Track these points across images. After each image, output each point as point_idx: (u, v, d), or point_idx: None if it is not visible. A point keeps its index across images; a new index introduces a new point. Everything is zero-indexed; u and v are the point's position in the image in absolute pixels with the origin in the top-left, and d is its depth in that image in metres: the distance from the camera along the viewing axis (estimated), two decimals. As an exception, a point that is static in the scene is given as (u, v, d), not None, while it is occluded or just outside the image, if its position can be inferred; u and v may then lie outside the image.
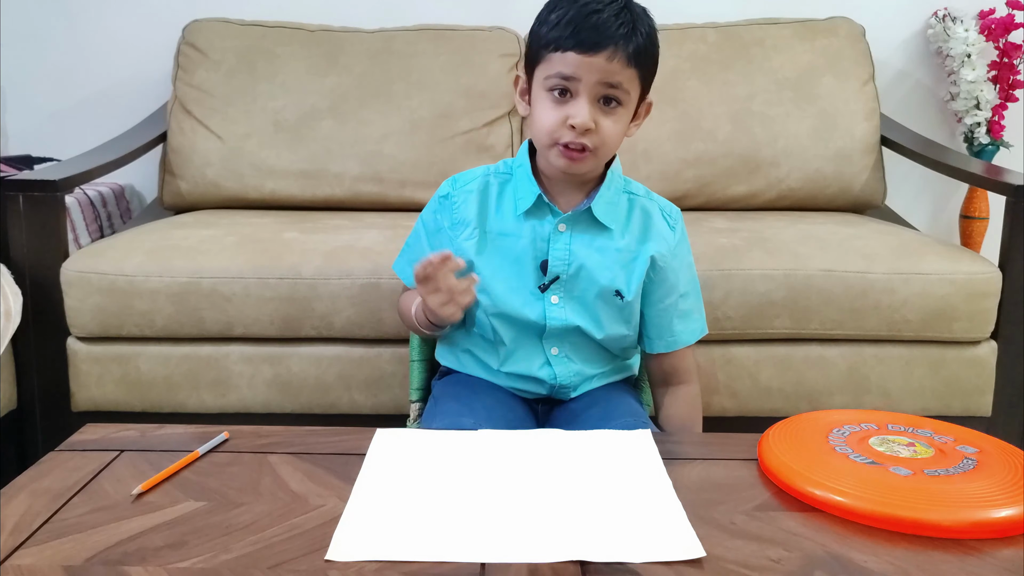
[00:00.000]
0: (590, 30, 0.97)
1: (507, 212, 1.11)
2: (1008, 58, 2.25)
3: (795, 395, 1.67)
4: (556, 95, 1.01)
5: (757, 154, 2.08)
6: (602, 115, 1.01)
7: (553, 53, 1.00)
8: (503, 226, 1.11)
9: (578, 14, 0.98)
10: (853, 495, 0.77)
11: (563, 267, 1.09)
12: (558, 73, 1.00)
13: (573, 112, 1.00)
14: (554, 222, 1.09)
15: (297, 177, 2.06)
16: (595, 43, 0.97)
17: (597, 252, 1.10)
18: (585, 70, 0.99)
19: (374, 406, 1.65)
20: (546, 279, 1.10)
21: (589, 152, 1.02)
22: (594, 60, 0.98)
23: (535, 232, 1.10)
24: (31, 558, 0.69)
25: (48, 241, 1.62)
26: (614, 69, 0.99)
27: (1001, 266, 1.67)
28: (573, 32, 0.98)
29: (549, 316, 1.11)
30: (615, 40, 0.98)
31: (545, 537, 0.72)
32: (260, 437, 0.95)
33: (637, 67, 1.01)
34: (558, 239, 1.09)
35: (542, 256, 1.10)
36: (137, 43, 2.32)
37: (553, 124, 1.02)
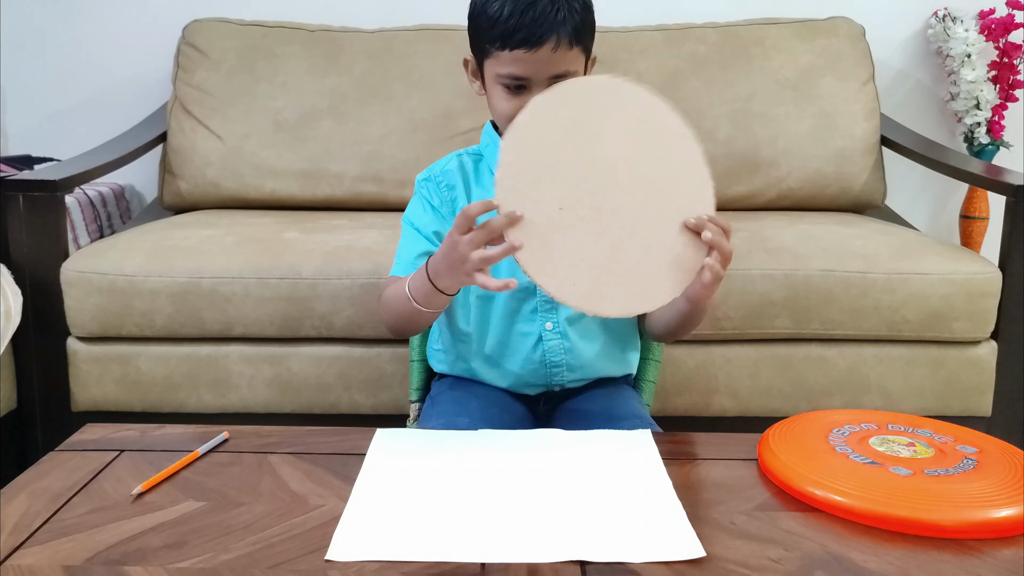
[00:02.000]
0: (530, 25, 0.99)
1: (487, 186, 1.14)
2: (1008, 58, 2.25)
3: (795, 395, 1.67)
4: (510, 90, 1.05)
5: (757, 154, 2.08)
6: None
7: (500, 51, 1.03)
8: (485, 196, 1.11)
9: (514, 10, 1.00)
10: (853, 495, 0.77)
11: None
12: (508, 74, 1.03)
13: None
14: None
15: (297, 177, 2.06)
16: (537, 37, 1.00)
17: None
18: (533, 68, 1.02)
19: (374, 406, 1.65)
20: None
21: None
22: (539, 55, 1.00)
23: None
24: (31, 558, 0.69)
25: (48, 241, 1.62)
26: (559, 58, 1.01)
27: (1001, 266, 1.67)
28: (513, 30, 1.00)
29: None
30: (555, 29, 1.00)
31: (545, 537, 0.72)
32: (260, 437, 0.95)
33: (580, 43, 1.03)
34: None
35: None
36: (137, 43, 2.31)
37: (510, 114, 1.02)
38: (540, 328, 1.14)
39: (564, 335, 1.14)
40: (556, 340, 1.14)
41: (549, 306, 1.14)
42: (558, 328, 1.14)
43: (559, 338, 1.14)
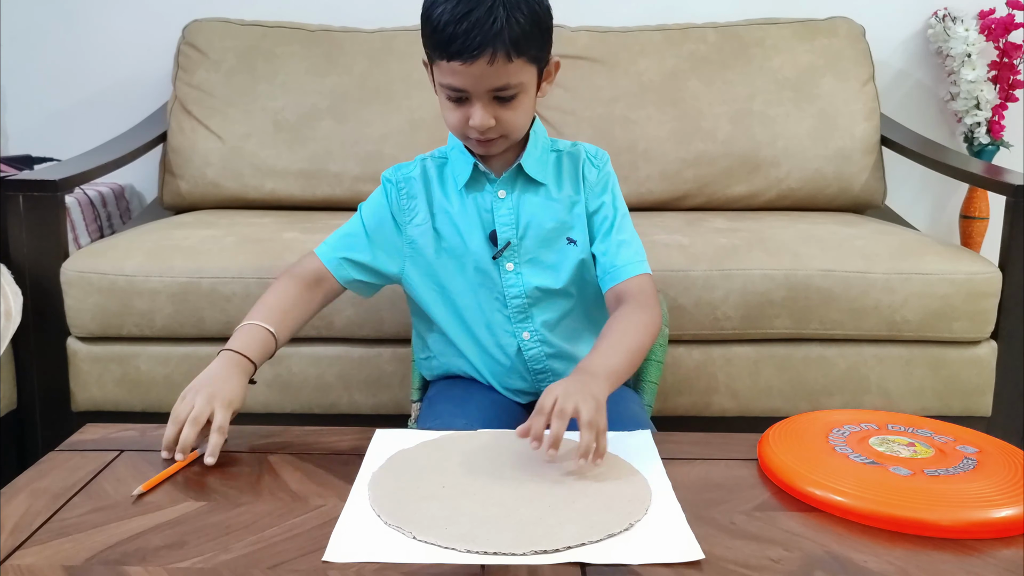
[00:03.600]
0: (463, 37, 0.95)
1: (450, 190, 1.12)
2: (1008, 58, 2.25)
3: (795, 395, 1.67)
4: (453, 100, 1.02)
5: (757, 154, 2.08)
6: (501, 109, 1.01)
7: (440, 60, 0.99)
8: (448, 205, 1.12)
9: (451, 18, 0.95)
10: (853, 495, 0.77)
11: (511, 231, 1.10)
12: (448, 84, 1.00)
13: (471, 115, 1.00)
14: (494, 190, 1.10)
15: (297, 177, 2.06)
16: (471, 50, 0.95)
17: (539, 207, 1.10)
18: (470, 81, 0.98)
19: (374, 406, 1.65)
20: (498, 247, 1.10)
21: (499, 138, 1.04)
22: (474, 68, 0.96)
23: (478, 204, 1.11)
24: (31, 558, 0.69)
25: (48, 241, 1.62)
26: (497, 72, 0.97)
27: (1001, 266, 1.67)
28: (448, 40, 0.96)
29: (506, 285, 1.11)
30: (490, 41, 0.94)
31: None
32: (260, 437, 0.95)
33: (522, 54, 0.97)
34: (500, 205, 1.10)
35: (489, 227, 1.10)
36: (137, 43, 2.31)
37: (456, 124, 1.03)
38: (518, 339, 1.14)
39: (545, 341, 1.14)
40: (536, 348, 1.14)
41: (522, 315, 1.13)
42: (537, 336, 1.13)
43: (539, 345, 1.14)
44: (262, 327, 1.03)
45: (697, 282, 1.61)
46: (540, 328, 1.13)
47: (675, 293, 1.60)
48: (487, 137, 1.03)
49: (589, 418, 0.84)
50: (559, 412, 0.84)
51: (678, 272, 1.61)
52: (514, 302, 1.12)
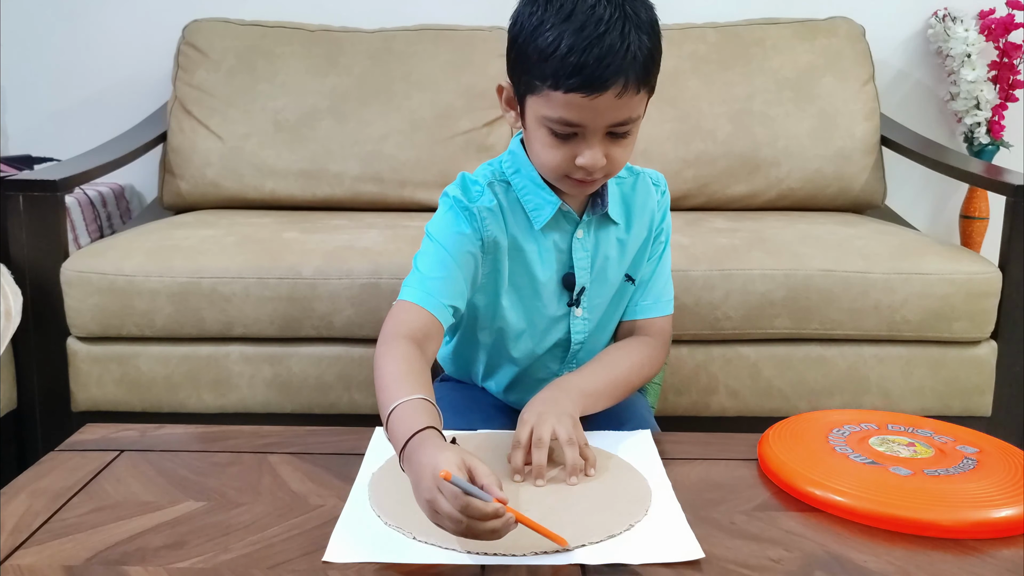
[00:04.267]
0: (595, 65, 0.81)
1: (522, 224, 0.99)
2: (1008, 58, 2.25)
3: (795, 395, 1.67)
4: (557, 136, 0.89)
5: (757, 154, 2.08)
6: (612, 145, 0.89)
7: (551, 91, 0.85)
8: (523, 242, 0.99)
9: (578, 40, 0.81)
10: (853, 495, 0.77)
11: (587, 276, 1.02)
12: (560, 119, 0.86)
13: (581, 153, 0.88)
14: (572, 231, 1.00)
15: (297, 177, 2.06)
16: (602, 81, 0.82)
17: (612, 249, 1.03)
18: (590, 115, 0.85)
19: (374, 406, 1.63)
20: (574, 293, 1.02)
21: (602, 177, 0.93)
22: (601, 101, 0.83)
23: (556, 245, 1.00)
24: (31, 558, 0.69)
25: (48, 241, 1.62)
26: (624, 104, 0.85)
27: (1001, 266, 1.67)
28: (574, 70, 0.82)
29: (575, 332, 1.04)
30: (623, 70, 0.82)
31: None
32: (260, 437, 0.95)
33: (648, 83, 0.87)
34: (579, 247, 1.00)
35: (564, 269, 1.01)
36: (137, 43, 2.31)
37: (558, 163, 0.90)
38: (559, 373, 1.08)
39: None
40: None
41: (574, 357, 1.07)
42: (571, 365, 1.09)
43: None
44: (425, 400, 0.81)
45: (697, 282, 1.61)
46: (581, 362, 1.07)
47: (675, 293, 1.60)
48: (592, 178, 0.91)
49: (567, 436, 0.83)
50: (537, 442, 0.82)
51: (678, 272, 1.61)
52: (575, 347, 1.06)
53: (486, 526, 0.67)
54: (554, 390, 0.92)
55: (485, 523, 0.67)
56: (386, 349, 0.88)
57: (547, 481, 0.82)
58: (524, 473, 0.83)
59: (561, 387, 0.92)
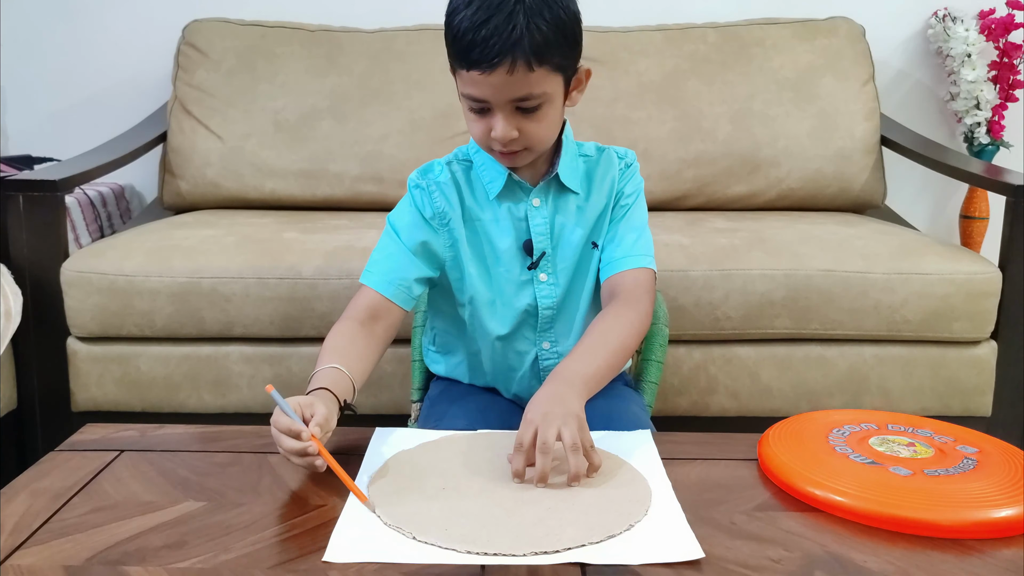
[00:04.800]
0: (481, 46, 0.90)
1: (480, 197, 1.08)
2: (1008, 58, 2.25)
3: (795, 395, 1.67)
4: (474, 111, 0.98)
5: (757, 154, 2.08)
6: (524, 120, 0.97)
7: (459, 69, 0.95)
8: (480, 212, 1.08)
9: (469, 26, 0.91)
10: (853, 495, 0.77)
11: (546, 241, 1.08)
12: (468, 95, 0.96)
13: (493, 126, 0.97)
14: (528, 199, 1.07)
15: (297, 177, 2.06)
16: (489, 59, 0.90)
17: (571, 216, 1.08)
18: (490, 91, 0.94)
19: (374, 406, 1.65)
20: (534, 257, 1.08)
21: (523, 150, 1.00)
22: (493, 78, 0.92)
23: (511, 213, 1.08)
24: (31, 558, 0.69)
25: (48, 241, 1.62)
26: (518, 81, 0.92)
27: (1001, 266, 1.67)
28: (467, 48, 0.91)
29: (540, 296, 1.09)
30: (509, 51, 0.90)
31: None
32: (260, 437, 0.95)
33: (544, 63, 0.93)
34: (535, 214, 1.07)
35: (523, 236, 1.08)
36: (137, 43, 2.32)
37: (479, 136, 1.00)
38: (538, 348, 1.13)
39: (561, 354, 1.12)
40: (553, 359, 1.13)
41: (548, 325, 1.11)
42: (555, 346, 1.13)
43: (556, 357, 1.12)
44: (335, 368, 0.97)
45: (697, 282, 1.61)
46: (559, 337, 1.12)
47: (675, 293, 1.61)
48: (511, 149, 0.99)
49: (572, 441, 0.82)
50: (541, 447, 0.82)
51: (678, 272, 1.61)
52: (545, 312, 1.10)
53: (285, 443, 0.82)
54: (557, 383, 0.91)
55: (285, 441, 0.82)
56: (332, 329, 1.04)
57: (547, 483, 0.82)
58: (524, 477, 0.83)
59: (564, 378, 0.92)
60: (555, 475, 0.83)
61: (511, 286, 1.09)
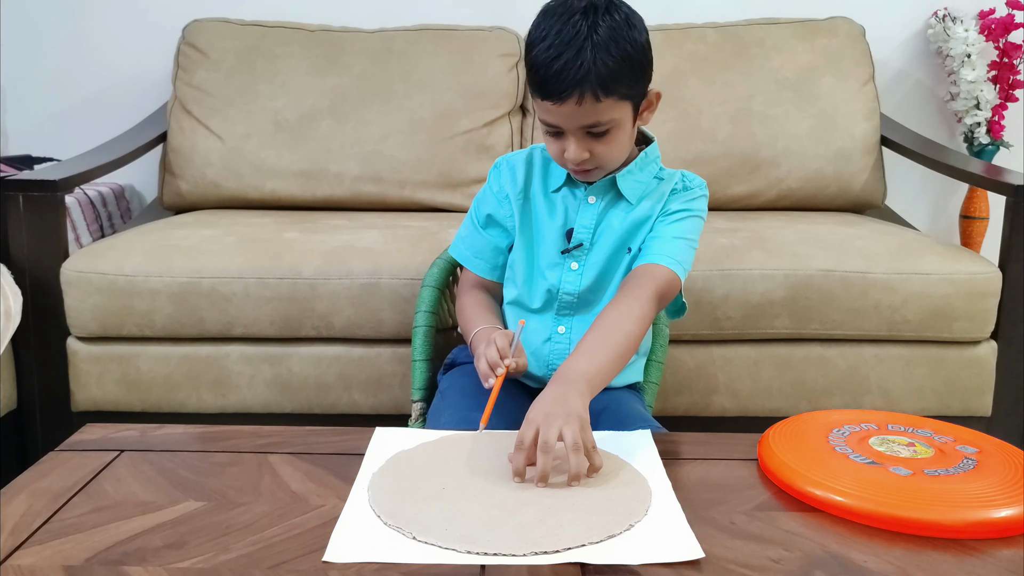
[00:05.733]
0: (553, 80, 0.97)
1: (542, 181, 1.17)
2: (1008, 58, 2.25)
3: (795, 395, 1.67)
4: (550, 134, 1.05)
5: (757, 154, 2.08)
6: (595, 143, 1.04)
7: (536, 98, 1.02)
8: (539, 195, 1.17)
9: (542, 61, 0.98)
10: (853, 495, 0.77)
11: (587, 235, 1.13)
12: (543, 120, 1.04)
13: (566, 148, 1.04)
14: (584, 195, 1.13)
15: (297, 177, 2.06)
16: (559, 92, 0.98)
17: (618, 221, 1.13)
18: (562, 119, 1.01)
19: (374, 406, 1.65)
20: (569, 244, 1.14)
21: (595, 169, 1.08)
22: (565, 108, 0.99)
23: (565, 203, 1.15)
24: (31, 558, 0.69)
25: (48, 241, 1.62)
26: (587, 111, 0.99)
27: (1001, 266, 1.67)
28: (541, 82, 0.99)
29: (565, 281, 1.14)
30: (578, 85, 0.97)
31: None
32: (260, 437, 0.95)
33: (612, 94, 1.00)
34: (586, 209, 1.13)
35: (570, 223, 1.14)
36: (137, 43, 2.32)
37: (555, 155, 1.08)
38: (552, 330, 1.16)
39: (573, 341, 1.14)
40: (564, 344, 1.15)
41: (568, 312, 1.15)
42: (569, 332, 1.15)
43: (566, 344, 1.15)
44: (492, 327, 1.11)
45: (697, 282, 1.61)
46: (575, 326, 1.15)
47: (675, 293, 1.61)
48: (583, 168, 1.07)
49: (574, 441, 0.82)
50: (543, 447, 0.82)
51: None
52: (566, 298, 1.14)
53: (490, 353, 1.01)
54: (561, 384, 0.92)
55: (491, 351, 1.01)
56: (461, 300, 1.22)
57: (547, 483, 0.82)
58: (524, 476, 0.83)
59: (568, 379, 0.92)
60: (555, 475, 0.83)
61: (545, 265, 1.15)
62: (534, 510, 0.77)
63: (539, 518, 0.75)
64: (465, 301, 1.20)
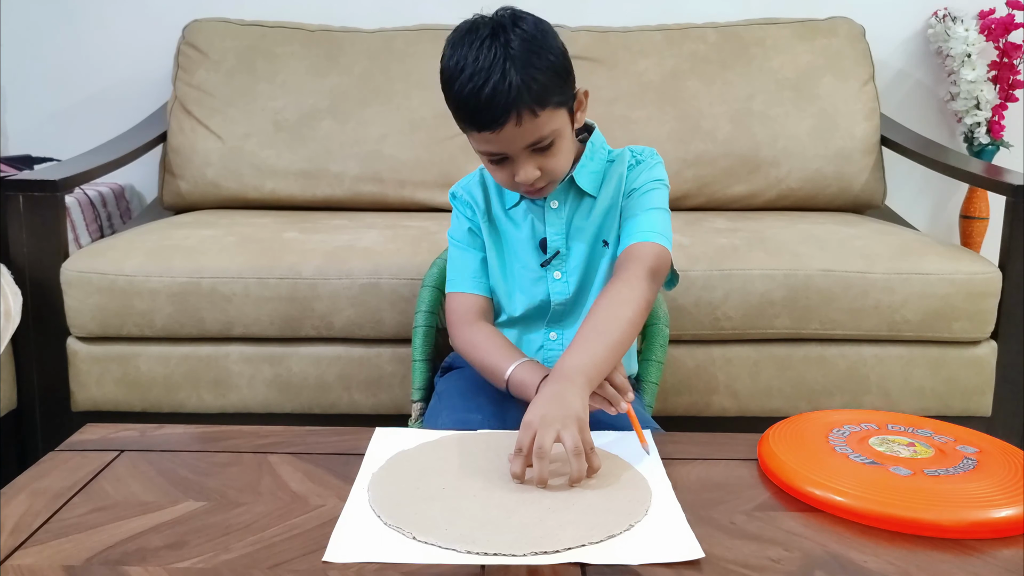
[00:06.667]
0: (485, 109, 0.95)
1: (505, 201, 1.16)
2: (1008, 58, 2.25)
3: (795, 395, 1.67)
4: (493, 163, 1.03)
5: (757, 154, 2.08)
6: (542, 158, 1.01)
7: (468, 131, 1.00)
8: (500, 211, 1.16)
9: (469, 92, 0.95)
10: (853, 495, 0.77)
11: (560, 241, 1.12)
12: (485, 151, 1.01)
13: (516, 172, 1.02)
14: (546, 202, 1.12)
15: (297, 177, 2.06)
16: (495, 119, 0.95)
17: (585, 217, 1.13)
18: (504, 144, 0.98)
19: (374, 406, 1.65)
20: (547, 255, 1.13)
21: (547, 184, 1.05)
22: (504, 133, 0.96)
23: (530, 212, 1.14)
24: (31, 558, 0.69)
25: (48, 241, 1.62)
26: (527, 130, 0.97)
27: (1001, 266, 1.67)
28: (472, 115, 0.96)
29: (553, 292, 1.13)
30: (513, 106, 0.94)
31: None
32: (260, 437, 0.95)
33: (547, 106, 0.97)
34: (552, 216, 1.12)
35: (540, 234, 1.13)
36: (137, 43, 2.32)
37: (505, 182, 1.05)
38: (544, 338, 1.16)
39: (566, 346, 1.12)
40: (556, 351, 1.15)
41: (558, 318, 1.15)
42: (561, 338, 1.15)
43: (559, 349, 1.15)
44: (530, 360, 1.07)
45: (697, 282, 1.61)
46: (566, 329, 1.15)
47: (675, 293, 1.60)
48: (535, 188, 1.04)
49: (573, 444, 0.82)
50: (538, 452, 0.81)
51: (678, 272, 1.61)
52: (557, 308, 1.14)
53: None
54: (558, 382, 0.91)
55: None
56: (471, 333, 1.13)
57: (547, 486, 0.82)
58: (524, 480, 0.83)
59: (564, 376, 0.91)
60: (555, 478, 0.83)
61: (527, 280, 1.14)
62: (534, 510, 0.77)
63: (539, 518, 0.75)
64: (475, 336, 1.12)
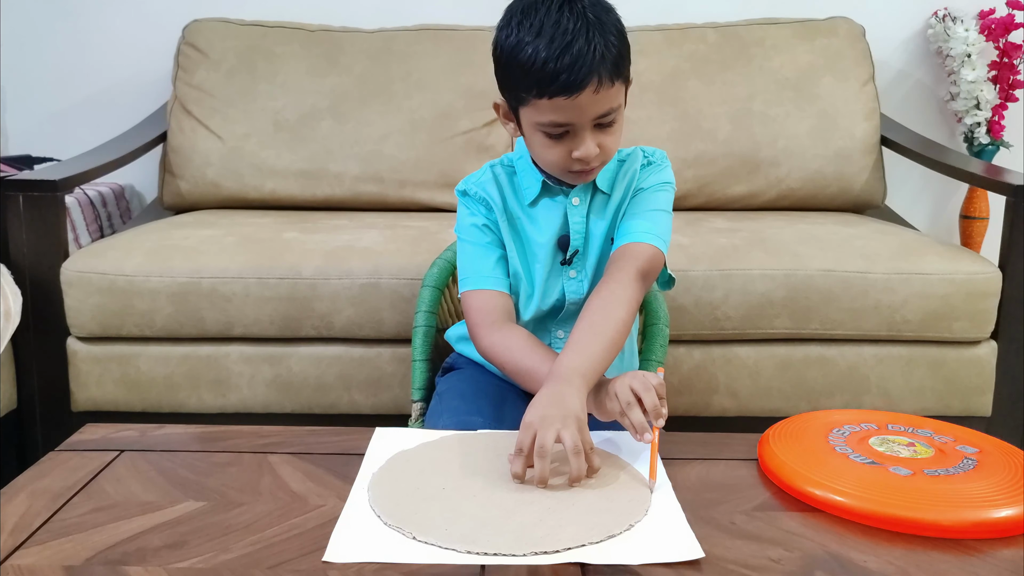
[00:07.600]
0: (568, 71, 0.92)
1: (519, 196, 1.13)
2: (1008, 58, 2.25)
3: (795, 395, 1.67)
4: (552, 137, 1.00)
5: (757, 154, 2.08)
6: (603, 135, 1.00)
7: (538, 99, 0.96)
8: (518, 211, 1.13)
9: (547, 56, 0.93)
10: (853, 495, 0.77)
11: (580, 240, 1.11)
12: (551, 122, 0.97)
13: (575, 148, 0.99)
14: (567, 198, 1.10)
15: (297, 177, 2.06)
16: (577, 83, 0.93)
17: (600, 216, 1.12)
18: (575, 113, 0.96)
19: (374, 406, 1.65)
20: (567, 254, 1.11)
21: (599, 165, 1.04)
22: (580, 99, 0.94)
23: (550, 210, 1.11)
24: (31, 558, 0.69)
25: (48, 241, 1.62)
26: (601, 99, 0.95)
27: (1001, 266, 1.67)
28: (551, 78, 0.93)
29: (568, 291, 1.12)
30: (595, 69, 0.93)
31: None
32: (260, 437, 0.95)
33: (619, 77, 0.97)
34: (574, 212, 1.10)
35: (560, 232, 1.11)
36: (137, 43, 2.32)
37: (559, 159, 1.01)
38: (552, 336, 1.15)
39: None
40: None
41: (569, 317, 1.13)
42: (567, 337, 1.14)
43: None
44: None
45: (697, 282, 1.61)
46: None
47: (675, 293, 1.60)
48: (591, 166, 1.02)
49: (573, 444, 0.82)
50: (539, 451, 0.81)
51: (678, 272, 1.61)
52: (571, 307, 1.13)
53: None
54: (556, 382, 0.91)
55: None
56: (502, 336, 1.07)
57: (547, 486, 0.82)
58: (524, 480, 0.83)
59: (562, 377, 0.92)
60: (555, 477, 0.83)
61: (544, 279, 1.12)
62: (534, 510, 0.77)
63: (539, 518, 0.75)
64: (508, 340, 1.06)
